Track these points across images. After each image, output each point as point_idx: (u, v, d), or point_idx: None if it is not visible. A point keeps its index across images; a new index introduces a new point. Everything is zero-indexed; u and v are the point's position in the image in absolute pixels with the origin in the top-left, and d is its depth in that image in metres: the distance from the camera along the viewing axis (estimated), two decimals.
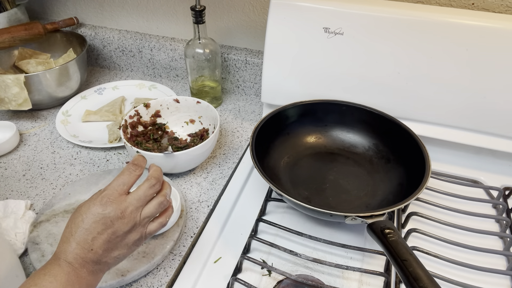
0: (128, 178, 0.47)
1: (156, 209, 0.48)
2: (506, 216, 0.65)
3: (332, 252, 0.61)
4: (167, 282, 0.57)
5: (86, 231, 0.43)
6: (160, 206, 0.48)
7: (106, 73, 1.10)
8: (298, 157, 0.74)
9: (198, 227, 0.65)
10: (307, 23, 0.71)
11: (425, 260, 0.56)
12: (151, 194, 0.48)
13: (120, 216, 0.45)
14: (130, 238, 0.46)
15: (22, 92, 0.83)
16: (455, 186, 0.71)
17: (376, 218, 0.52)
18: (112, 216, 0.44)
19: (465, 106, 0.69)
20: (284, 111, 0.73)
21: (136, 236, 0.47)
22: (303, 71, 0.76)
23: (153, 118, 0.80)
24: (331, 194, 0.67)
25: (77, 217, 0.45)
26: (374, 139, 0.74)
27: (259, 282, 0.56)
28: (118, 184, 0.46)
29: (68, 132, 0.83)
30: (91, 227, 0.44)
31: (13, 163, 0.78)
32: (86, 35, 1.06)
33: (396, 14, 0.66)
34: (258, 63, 0.93)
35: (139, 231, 0.47)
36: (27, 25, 0.93)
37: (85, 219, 0.44)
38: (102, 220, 0.44)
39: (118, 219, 0.44)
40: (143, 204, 0.47)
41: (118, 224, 0.45)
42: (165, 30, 1.02)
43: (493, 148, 0.71)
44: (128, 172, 0.47)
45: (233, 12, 0.91)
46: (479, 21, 0.63)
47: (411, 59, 0.68)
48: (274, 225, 0.62)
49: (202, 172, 0.76)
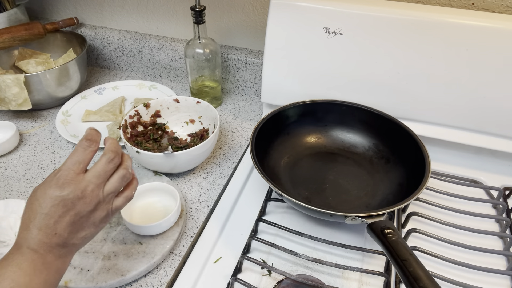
0: (83, 155, 0.44)
1: (119, 183, 0.46)
2: (506, 216, 0.65)
3: (332, 252, 0.61)
4: (167, 282, 0.57)
5: (46, 215, 0.41)
6: (123, 179, 0.46)
7: (106, 73, 1.10)
8: (298, 157, 0.74)
9: (198, 227, 0.65)
10: (307, 23, 0.71)
11: (425, 260, 0.56)
12: (111, 169, 0.45)
13: (81, 196, 0.42)
14: (96, 216, 0.44)
15: (22, 92, 0.83)
16: (455, 186, 0.71)
17: (376, 218, 0.52)
18: (72, 198, 0.42)
19: (465, 106, 0.69)
20: (284, 111, 0.73)
21: (102, 214, 0.45)
22: (303, 71, 0.76)
23: (153, 118, 0.80)
24: (331, 194, 0.67)
25: (33, 202, 0.42)
26: (374, 139, 0.74)
27: (259, 282, 0.56)
28: (73, 163, 0.43)
29: (68, 132, 0.83)
30: (50, 211, 0.41)
31: (13, 163, 0.78)
32: (86, 35, 1.06)
33: (396, 14, 0.66)
34: (258, 63, 0.93)
35: (105, 208, 0.45)
36: (27, 25, 0.93)
37: (42, 203, 0.42)
38: (61, 203, 0.42)
39: (79, 199, 0.42)
40: (104, 180, 0.45)
41: (80, 204, 0.43)
42: (165, 30, 1.02)
43: (493, 148, 0.71)
44: (82, 149, 0.44)
45: (233, 12, 0.91)
46: (479, 21, 0.63)
47: (411, 59, 0.68)
48: (274, 225, 0.62)
49: (202, 172, 0.76)
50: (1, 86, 0.82)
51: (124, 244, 0.59)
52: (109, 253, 0.58)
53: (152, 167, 0.70)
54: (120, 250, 0.58)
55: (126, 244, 0.59)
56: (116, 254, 0.58)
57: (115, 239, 0.60)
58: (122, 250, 0.58)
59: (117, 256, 0.57)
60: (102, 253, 0.58)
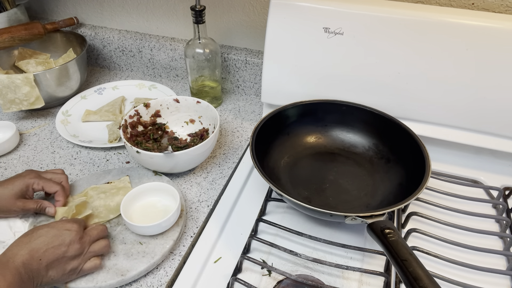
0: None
1: (101, 249, 0.55)
2: (506, 216, 0.65)
3: (332, 252, 0.61)
4: (167, 282, 0.56)
5: (43, 241, 0.49)
6: (105, 248, 0.55)
7: (106, 73, 1.10)
8: (298, 157, 0.74)
9: (198, 227, 0.65)
10: (307, 23, 0.71)
11: (425, 260, 0.56)
12: (101, 237, 0.56)
13: (78, 241, 0.51)
14: (72, 264, 0.51)
15: (33, 90, 0.84)
16: (455, 186, 0.71)
17: (376, 218, 0.52)
18: (72, 237, 0.51)
19: (465, 106, 0.69)
20: (284, 111, 0.73)
21: (75, 265, 0.51)
22: (303, 71, 0.76)
23: (153, 118, 0.80)
24: (331, 194, 0.67)
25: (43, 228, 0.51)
26: (374, 139, 0.74)
27: (259, 282, 0.56)
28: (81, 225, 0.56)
29: (68, 132, 0.83)
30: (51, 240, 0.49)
31: (13, 163, 0.78)
32: (86, 35, 1.06)
33: (396, 14, 0.66)
34: (258, 63, 0.93)
35: (81, 261, 0.52)
36: (27, 25, 0.93)
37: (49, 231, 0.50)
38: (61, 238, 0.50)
39: (75, 242, 0.51)
40: (94, 240, 0.54)
41: (72, 246, 0.51)
42: (165, 30, 1.02)
43: (493, 148, 0.71)
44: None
45: (233, 12, 0.91)
46: (479, 21, 0.63)
47: (411, 59, 0.68)
48: (274, 225, 0.62)
49: (202, 172, 0.76)
50: (10, 87, 0.82)
51: (124, 244, 0.59)
52: (109, 253, 0.58)
53: (152, 167, 0.70)
54: (120, 250, 0.58)
55: (126, 244, 0.59)
56: (116, 254, 0.58)
57: (115, 239, 0.60)
58: (122, 250, 0.58)
59: (117, 256, 0.57)
60: None
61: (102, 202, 0.65)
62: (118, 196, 0.66)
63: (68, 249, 0.50)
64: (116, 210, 0.64)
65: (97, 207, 0.64)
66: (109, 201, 0.65)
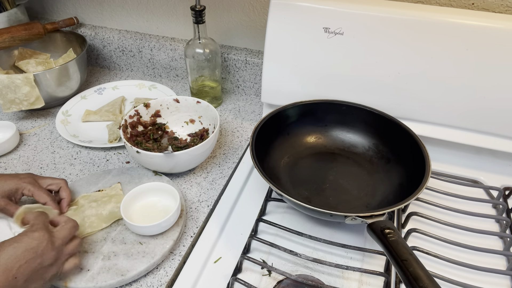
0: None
1: (75, 248, 0.53)
2: (506, 216, 0.65)
3: (332, 252, 0.61)
4: (167, 282, 0.56)
5: (14, 259, 0.45)
6: (79, 247, 0.54)
7: (106, 73, 1.10)
8: (298, 157, 0.74)
9: (198, 227, 0.65)
10: (307, 23, 0.71)
11: (425, 260, 0.56)
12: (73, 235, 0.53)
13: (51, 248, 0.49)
14: (50, 272, 0.49)
15: (33, 90, 0.84)
16: (455, 186, 0.71)
17: (376, 218, 0.52)
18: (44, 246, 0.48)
19: (465, 106, 0.69)
20: (284, 111, 0.73)
21: (54, 271, 0.49)
22: (303, 71, 0.76)
23: (153, 118, 0.80)
24: (331, 194, 0.67)
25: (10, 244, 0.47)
26: (374, 139, 0.74)
27: (259, 282, 0.56)
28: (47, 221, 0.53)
29: (68, 132, 0.83)
30: (22, 254, 0.46)
31: (13, 163, 0.78)
32: (86, 35, 1.06)
33: (396, 14, 0.66)
34: (258, 63, 0.93)
35: (59, 265, 0.50)
36: (27, 25, 0.93)
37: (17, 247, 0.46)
38: (33, 250, 0.47)
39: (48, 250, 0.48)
40: (67, 241, 0.52)
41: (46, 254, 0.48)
42: (165, 30, 1.02)
43: (493, 148, 0.71)
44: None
45: (233, 12, 0.91)
46: (479, 21, 0.63)
47: (411, 59, 0.68)
48: (274, 225, 0.62)
49: (202, 172, 0.76)
50: (10, 87, 0.82)
51: (124, 244, 0.59)
52: (109, 253, 0.58)
53: (152, 167, 0.70)
54: (120, 250, 0.58)
55: (126, 244, 0.59)
56: (116, 254, 0.58)
57: (115, 239, 0.60)
58: (122, 250, 0.58)
59: (117, 256, 0.57)
60: (102, 253, 0.58)
61: (94, 211, 0.63)
62: (110, 204, 0.65)
63: (43, 259, 0.48)
64: (109, 219, 0.62)
65: (88, 217, 0.62)
66: (101, 210, 0.63)
